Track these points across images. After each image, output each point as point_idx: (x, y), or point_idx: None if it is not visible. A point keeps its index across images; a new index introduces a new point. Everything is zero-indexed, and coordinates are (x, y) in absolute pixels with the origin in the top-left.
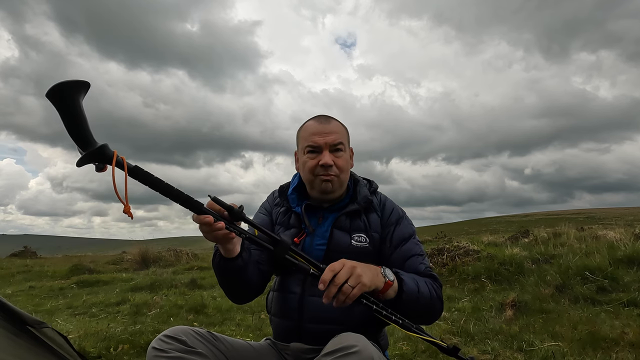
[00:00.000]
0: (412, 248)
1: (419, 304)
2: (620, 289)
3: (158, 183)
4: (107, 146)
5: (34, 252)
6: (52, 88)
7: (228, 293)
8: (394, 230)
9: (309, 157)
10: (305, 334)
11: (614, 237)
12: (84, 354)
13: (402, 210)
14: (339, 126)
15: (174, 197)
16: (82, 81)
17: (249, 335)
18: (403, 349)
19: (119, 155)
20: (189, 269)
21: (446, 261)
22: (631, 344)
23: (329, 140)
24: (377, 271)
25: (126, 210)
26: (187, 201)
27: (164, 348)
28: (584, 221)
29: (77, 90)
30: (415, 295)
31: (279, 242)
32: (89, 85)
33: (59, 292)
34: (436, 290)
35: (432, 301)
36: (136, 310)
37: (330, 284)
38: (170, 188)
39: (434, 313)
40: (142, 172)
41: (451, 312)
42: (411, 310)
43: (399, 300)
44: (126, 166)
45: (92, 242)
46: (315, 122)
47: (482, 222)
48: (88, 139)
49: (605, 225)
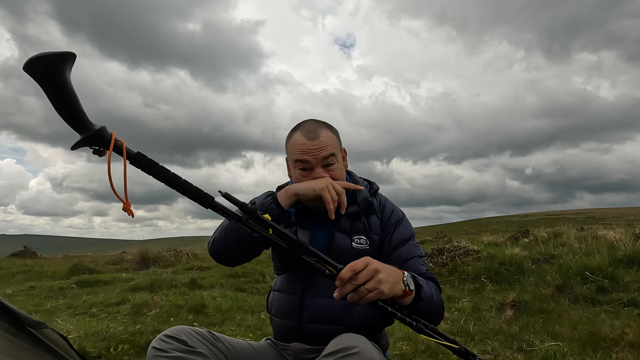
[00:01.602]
0: (411, 250)
1: (430, 311)
2: (620, 289)
3: (163, 172)
4: (104, 129)
5: (34, 252)
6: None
7: (223, 254)
8: (393, 232)
9: (301, 174)
10: (306, 334)
11: (614, 237)
12: (84, 354)
13: (402, 212)
14: (328, 136)
15: (181, 189)
16: (67, 52)
17: (249, 335)
18: (403, 349)
19: (117, 139)
20: (189, 269)
21: (446, 261)
22: (631, 344)
23: (320, 157)
24: (400, 278)
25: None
26: (195, 194)
27: (164, 348)
28: (584, 221)
29: (62, 63)
30: (429, 303)
31: (295, 241)
32: (74, 56)
33: (59, 292)
34: (439, 296)
35: (439, 307)
36: (136, 310)
37: (348, 282)
38: (178, 179)
39: (438, 318)
40: (145, 160)
41: (451, 312)
42: (422, 316)
43: (413, 307)
44: (125, 151)
45: (92, 242)
46: (302, 135)
47: (482, 222)
48: (82, 120)
49: (605, 225)
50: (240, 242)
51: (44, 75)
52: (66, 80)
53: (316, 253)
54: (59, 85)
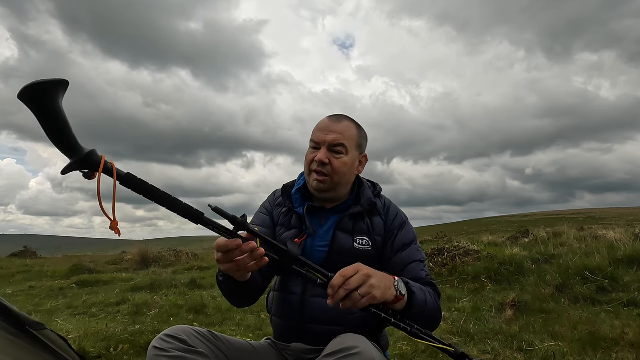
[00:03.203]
0: (413, 254)
1: (424, 316)
2: (620, 289)
3: (153, 191)
4: (94, 152)
5: (34, 252)
6: (25, 88)
7: (233, 303)
8: (396, 235)
9: (310, 152)
10: (306, 335)
11: (614, 237)
12: (84, 354)
13: (405, 216)
14: (348, 128)
15: (171, 207)
16: (60, 80)
17: (249, 335)
18: (403, 349)
19: (107, 162)
20: (189, 269)
21: (446, 261)
22: (631, 344)
23: (329, 138)
24: (391, 284)
25: (112, 226)
26: (185, 210)
27: (165, 347)
28: (584, 221)
29: (55, 90)
30: (422, 308)
31: (286, 252)
32: (67, 83)
33: (59, 292)
34: (437, 302)
35: (436, 313)
36: (136, 310)
37: (340, 289)
38: (167, 196)
39: (434, 324)
40: (134, 180)
41: (451, 312)
42: (416, 322)
43: (406, 313)
44: (115, 173)
45: (92, 242)
46: (327, 119)
47: (482, 222)
48: (72, 144)
49: (605, 225)
50: (237, 292)
51: (37, 103)
52: (58, 106)
53: (307, 263)
54: (50, 112)
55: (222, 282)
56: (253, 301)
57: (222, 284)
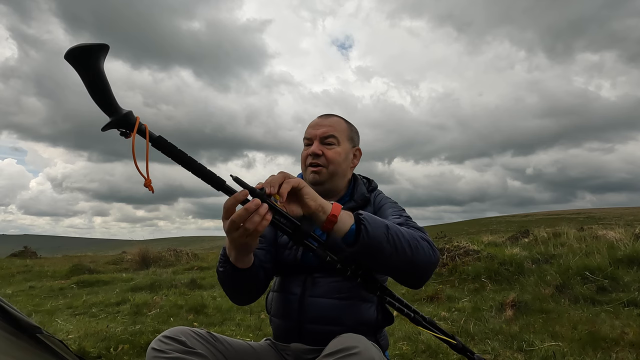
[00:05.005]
0: (391, 208)
1: (396, 253)
2: (620, 289)
3: (180, 155)
4: (131, 113)
5: (34, 252)
6: (72, 49)
7: (233, 298)
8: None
9: (304, 149)
10: (306, 335)
11: (614, 237)
12: (84, 354)
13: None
14: (337, 122)
15: (196, 171)
16: (102, 44)
17: (249, 335)
18: (403, 349)
19: (142, 123)
20: (189, 269)
21: (446, 261)
22: (631, 344)
23: (320, 132)
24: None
25: (147, 184)
26: (209, 176)
27: (164, 349)
28: (584, 221)
29: (98, 52)
30: (384, 238)
31: (299, 226)
32: (108, 48)
33: (59, 292)
34: (424, 238)
35: (417, 248)
36: (136, 310)
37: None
38: (193, 161)
39: (422, 264)
40: (165, 143)
41: (451, 312)
42: (388, 260)
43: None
44: (148, 135)
45: (93, 242)
46: (317, 117)
47: (482, 222)
48: (113, 105)
49: (605, 225)
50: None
51: (82, 63)
52: (100, 68)
53: (319, 240)
54: (94, 72)
55: (222, 273)
56: (253, 298)
57: (223, 274)
